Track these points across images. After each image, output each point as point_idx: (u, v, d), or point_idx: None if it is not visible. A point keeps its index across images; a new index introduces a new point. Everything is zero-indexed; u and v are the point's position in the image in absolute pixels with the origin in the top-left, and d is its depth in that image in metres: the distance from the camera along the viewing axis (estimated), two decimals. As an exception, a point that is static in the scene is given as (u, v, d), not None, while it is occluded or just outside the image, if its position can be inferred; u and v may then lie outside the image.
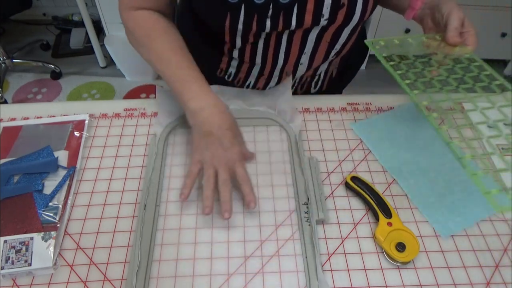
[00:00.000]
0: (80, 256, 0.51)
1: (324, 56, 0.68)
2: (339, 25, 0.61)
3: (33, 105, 0.71)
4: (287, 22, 0.57)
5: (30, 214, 0.54)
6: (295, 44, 0.63)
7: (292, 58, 0.66)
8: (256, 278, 0.49)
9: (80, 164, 0.61)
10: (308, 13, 0.57)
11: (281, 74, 0.70)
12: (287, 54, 0.65)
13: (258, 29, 0.58)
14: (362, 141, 0.65)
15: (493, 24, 1.94)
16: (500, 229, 0.55)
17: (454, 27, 0.56)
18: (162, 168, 0.61)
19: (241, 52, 0.67)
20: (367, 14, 0.61)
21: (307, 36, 0.62)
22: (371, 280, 0.49)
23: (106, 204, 0.57)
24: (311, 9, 0.57)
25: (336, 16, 0.58)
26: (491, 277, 0.50)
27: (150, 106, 0.71)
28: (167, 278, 0.49)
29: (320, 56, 0.67)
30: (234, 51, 0.67)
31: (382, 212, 0.54)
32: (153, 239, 0.53)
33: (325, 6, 0.57)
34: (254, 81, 0.73)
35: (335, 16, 0.58)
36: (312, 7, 0.56)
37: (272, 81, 0.73)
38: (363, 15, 0.60)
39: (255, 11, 0.56)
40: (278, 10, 0.56)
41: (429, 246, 0.53)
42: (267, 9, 0.56)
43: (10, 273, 0.49)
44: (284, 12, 0.56)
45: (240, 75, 0.72)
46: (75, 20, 2.40)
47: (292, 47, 0.64)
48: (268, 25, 0.57)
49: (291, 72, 0.70)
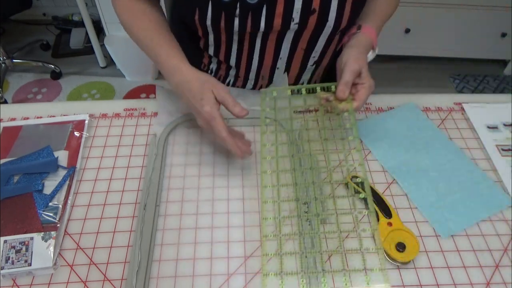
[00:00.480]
0: (80, 256, 0.51)
1: (301, 64, 0.67)
2: (313, 32, 0.60)
3: (33, 105, 0.71)
4: (255, 23, 0.57)
5: (30, 214, 0.54)
6: (270, 47, 0.63)
7: (267, 61, 0.66)
8: (256, 278, 0.49)
9: (80, 164, 0.61)
10: (277, 16, 0.57)
11: (257, 77, 0.70)
12: (262, 57, 0.65)
13: (227, 27, 0.58)
14: (362, 141, 0.65)
15: (493, 24, 1.94)
16: (500, 229, 0.55)
17: (344, 81, 0.55)
18: (162, 168, 0.61)
19: (216, 50, 0.67)
20: (344, 23, 0.60)
21: (282, 40, 0.62)
22: (371, 280, 0.49)
23: (106, 204, 0.57)
24: (280, 13, 0.56)
25: (307, 21, 0.58)
26: (491, 277, 0.50)
27: (150, 106, 0.71)
28: (167, 278, 0.49)
29: (297, 63, 0.67)
30: (210, 48, 0.67)
31: (382, 212, 0.54)
32: (153, 239, 0.53)
33: (295, 10, 0.56)
34: (233, 80, 0.73)
35: (306, 21, 0.58)
36: (282, 10, 0.56)
37: (248, 83, 0.72)
38: (338, 23, 0.59)
39: (222, 9, 0.56)
40: (246, 10, 0.56)
41: (429, 246, 0.53)
42: (235, 8, 0.56)
43: (10, 273, 0.49)
44: (253, 12, 0.56)
45: (220, 72, 0.72)
46: (75, 20, 2.39)
47: (266, 50, 0.64)
48: (237, 24, 0.57)
49: (267, 77, 0.70)
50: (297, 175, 0.59)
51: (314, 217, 0.54)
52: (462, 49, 2.07)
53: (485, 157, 0.63)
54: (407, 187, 0.59)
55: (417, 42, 2.03)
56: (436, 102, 0.72)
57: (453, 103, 0.72)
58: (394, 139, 0.65)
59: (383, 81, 2.09)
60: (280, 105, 0.62)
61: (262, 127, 0.60)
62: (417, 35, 1.99)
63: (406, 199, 0.58)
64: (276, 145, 0.60)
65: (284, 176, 0.59)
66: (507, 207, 0.57)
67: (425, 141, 0.65)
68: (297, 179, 0.59)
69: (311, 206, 0.55)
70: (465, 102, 0.72)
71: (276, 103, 0.62)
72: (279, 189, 0.57)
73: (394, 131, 0.67)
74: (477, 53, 2.09)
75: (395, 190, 0.59)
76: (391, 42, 2.02)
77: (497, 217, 0.56)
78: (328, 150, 0.61)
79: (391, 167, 0.61)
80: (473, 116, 0.70)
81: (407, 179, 0.60)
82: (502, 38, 1.99)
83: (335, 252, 0.52)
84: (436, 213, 0.56)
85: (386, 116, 0.69)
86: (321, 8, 0.57)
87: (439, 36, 2.01)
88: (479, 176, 0.60)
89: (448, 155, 0.63)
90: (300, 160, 0.61)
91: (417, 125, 0.67)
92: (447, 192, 0.58)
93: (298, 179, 0.59)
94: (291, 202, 0.56)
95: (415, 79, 2.12)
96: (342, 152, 0.63)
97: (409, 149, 0.64)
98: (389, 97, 0.73)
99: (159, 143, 0.64)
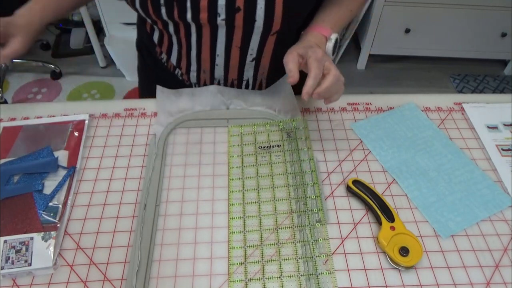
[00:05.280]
0: (80, 256, 0.51)
1: (239, 61, 0.67)
2: (243, 31, 0.61)
3: (33, 105, 0.71)
4: (181, 13, 0.57)
5: (30, 214, 0.54)
6: (205, 43, 0.63)
7: (205, 56, 0.66)
8: (255, 277, 0.49)
9: (80, 164, 0.61)
10: (203, 10, 0.57)
11: (199, 72, 0.70)
12: (199, 52, 0.66)
13: (156, 15, 0.58)
14: (362, 141, 0.65)
15: (493, 24, 1.94)
16: (500, 229, 0.55)
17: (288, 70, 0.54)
18: (162, 168, 0.61)
19: (160, 38, 0.68)
20: (277, 25, 0.59)
21: (216, 36, 0.62)
22: (371, 280, 0.49)
23: (106, 204, 0.57)
24: (205, 6, 0.57)
25: (234, 19, 0.58)
26: (491, 277, 0.50)
27: (150, 106, 0.71)
28: (167, 278, 0.49)
29: (235, 61, 0.67)
30: (154, 33, 0.68)
31: (385, 216, 0.54)
32: (153, 239, 0.53)
33: (219, 6, 0.57)
34: (180, 72, 0.73)
35: (232, 18, 0.58)
36: (206, 4, 0.56)
37: (191, 77, 0.72)
38: (268, 23, 0.58)
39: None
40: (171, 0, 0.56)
41: (429, 246, 0.53)
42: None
43: (10, 273, 0.49)
44: (177, 3, 0.56)
45: (170, 62, 0.72)
46: (75, 20, 2.39)
47: (203, 46, 0.64)
48: (164, 12, 0.57)
49: (208, 72, 0.70)
50: (297, 175, 0.59)
51: (314, 218, 0.54)
52: (462, 49, 2.07)
53: (485, 157, 0.63)
54: (407, 187, 0.59)
55: (417, 42, 2.03)
56: (436, 102, 0.72)
57: (453, 103, 0.72)
58: (394, 139, 0.65)
59: (383, 81, 2.09)
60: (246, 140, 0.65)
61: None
62: (417, 35, 1.99)
63: (406, 199, 0.58)
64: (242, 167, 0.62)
65: (284, 176, 0.59)
66: (507, 207, 0.57)
67: (425, 141, 0.65)
68: (297, 179, 0.59)
69: (311, 206, 0.55)
70: (465, 102, 0.72)
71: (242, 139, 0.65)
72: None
73: (394, 131, 0.67)
74: (477, 53, 2.09)
75: (395, 190, 0.59)
76: (391, 42, 2.02)
77: (497, 217, 0.56)
78: (327, 150, 0.61)
79: (391, 167, 0.62)
80: (473, 116, 0.70)
81: (407, 179, 0.60)
82: (502, 38, 1.99)
83: (335, 252, 0.52)
84: (436, 213, 0.56)
85: (386, 116, 0.69)
86: (246, 6, 0.56)
87: (439, 36, 2.01)
88: (479, 176, 0.60)
89: (448, 155, 0.63)
90: (300, 160, 0.61)
91: (417, 125, 0.67)
92: (447, 192, 0.58)
93: (298, 179, 0.59)
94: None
95: (415, 79, 2.12)
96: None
97: (409, 149, 0.64)
98: (389, 97, 0.73)
99: (159, 143, 0.64)
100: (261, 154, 0.63)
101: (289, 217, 0.55)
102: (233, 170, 0.61)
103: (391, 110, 0.71)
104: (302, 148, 0.63)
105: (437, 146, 0.64)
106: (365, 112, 0.70)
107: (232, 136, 0.65)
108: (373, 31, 1.97)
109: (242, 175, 0.60)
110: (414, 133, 0.66)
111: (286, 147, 0.63)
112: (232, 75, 0.71)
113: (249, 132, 0.66)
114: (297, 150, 0.63)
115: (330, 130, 0.67)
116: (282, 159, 0.62)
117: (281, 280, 0.49)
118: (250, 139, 0.65)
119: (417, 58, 2.19)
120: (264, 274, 0.49)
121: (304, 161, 0.61)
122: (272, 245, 0.52)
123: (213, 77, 0.71)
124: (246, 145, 0.64)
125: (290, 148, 0.63)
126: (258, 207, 0.56)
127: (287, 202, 0.57)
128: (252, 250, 0.52)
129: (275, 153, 0.63)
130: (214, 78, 0.71)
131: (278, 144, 0.64)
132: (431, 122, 0.68)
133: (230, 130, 0.66)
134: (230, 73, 0.70)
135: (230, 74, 0.70)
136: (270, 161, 0.62)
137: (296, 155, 0.62)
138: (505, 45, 2.02)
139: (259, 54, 0.66)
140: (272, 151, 0.63)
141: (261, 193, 0.58)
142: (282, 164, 0.61)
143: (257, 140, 0.64)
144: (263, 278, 0.49)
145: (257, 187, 0.58)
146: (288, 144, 0.64)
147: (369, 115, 0.70)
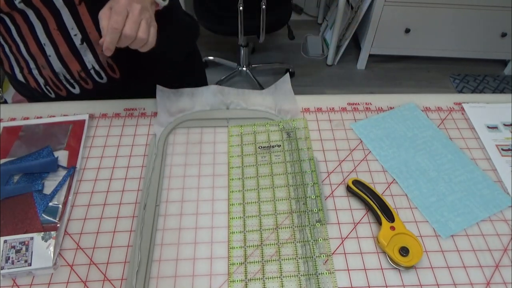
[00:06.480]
0: (80, 256, 0.51)
1: (69, 47, 0.64)
2: (49, 9, 0.59)
3: (33, 105, 0.71)
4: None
5: (30, 214, 0.54)
6: (26, 34, 0.62)
7: (34, 49, 0.64)
8: (255, 277, 0.49)
9: (80, 164, 0.61)
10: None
11: (39, 69, 0.67)
12: (26, 45, 0.64)
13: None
14: (362, 141, 0.65)
15: (493, 24, 1.94)
16: (500, 229, 0.55)
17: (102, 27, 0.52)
18: (162, 168, 0.61)
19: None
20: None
21: (30, 23, 0.60)
22: (371, 280, 0.49)
23: (106, 204, 0.57)
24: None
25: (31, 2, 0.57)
26: (491, 277, 0.50)
27: (150, 106, 0.71)
28: (167, 278, 0.49)
29: (64, 47, 0.64)
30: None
31: (385, 216, 0.54)
32: (153, 239, 0.53)
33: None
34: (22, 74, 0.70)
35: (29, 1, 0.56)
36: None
37: (35, 75, 0.69)
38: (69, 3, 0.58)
39: None
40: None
41: (429, 246, 0.53)
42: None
43: (10, 273, 0.49)
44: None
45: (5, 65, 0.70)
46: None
47: (26, 37, 0.62)
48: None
49: (47, 67, 0.67)
50: (297, 175, 0.59)
51: (314, 218, 0.54)
52: (462, 49, 2.07)
53: (485, 157, 0.63)
54: (407, 187, 0.59)
55: (417, 42, 2.03)
56: (436, 102, 0.72)
57: (453, 103, 0.72)
58: (394, 139, 0.65)
59: (383, 81, 2.09)
60: (246, 140, 0.65)
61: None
62: (417, 35, 2.00)
63: (406, 199, 0.58)
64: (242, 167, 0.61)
65: (284, 176, 0.59)
66: (507, 207, 0.57)
67: (425, 141, 0.65)
68: (297, 179, 0.59)
69: (311, 206, 0.55)
70: (465, 102, 0.72)
71: (242, 139, 0.65)
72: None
73: (394, 131, 0.67)
74: (477, 53, 2.09)
75: (395, 190, 0.59)
76: (391, 42, 2.03)
77: (497, 217, 0.56)
78: (327, 150, 0.61)
79: (391, 167, 0.62)
80: (473, 116, 0.70)
81: (407, 179, 0.60)
82: (502, 38, 1.99)
83: (335, 252, 0.52)
84: (436, 213, 0.56)
85: (386, 116, 0.69)
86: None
87: (439, 36, 2.01)
88: (479, 176, 0.60)
89: (448, 155, 0.63)
90: (300, 160, 0.61)
91: (417, 125, 0.67)
92: (447, 192, 0.58)
93: (298, 179, 0.59)
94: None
95: (415, 79, 2.12)
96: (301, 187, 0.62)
97: (409, 149, 0.64)
98: (389, 97, 0.73)
99: (159, 143, 0.64)
100: (261, 154, 0.63)
101: (289, 217, 0.55)
102: (233, 170, 0.61)
103: (391, 110, 0.71)
104: (302, 148, 0.63)
105: (437, 146, 0.64)
106: (365, 112, 0.70)
107: (232, 136, 0.65)
108: (373, 31, 1.97)
109: (242, 175, 0.60)
110: (414, 133, 0.66)
111: (286, 147, 0.63)
112: (74, 66, 0.67)
113: (249, 132, 0.66)
114: (297, 150, 0.63)
115: (330, 130, 0.67)
116: (282, 159, 0.62)
117: (281, 280, 0.49)
118: (250, 139, 0.65)
119: (417, 58, 2.19)
120: (264, 274, 0.50)
121: (304, 161, 0.61)
122: (272, 245, 0.52)
123: (55, 72, 0.68)
124: (246, 145, 0.64)
125: (290, 148, 0.63)
126: (258, 207, 0.56)
127: (287, 202, 0.57)
128: (252, 250, 0.52)
129: (275, 153, 0.63)
130: (56, 72, 0.68)
131: (278, 144, 0.64)
132: (431, 122, 0.68)
133: (230, 130, 0.66)
134: (70, 63, 0.66)
135: (70, 65, 0.67)
136: (270, 161, 0.62)
137: (296, 155, 0.62)
138: (505, 45, 2.02)
139: (84, 32, 0.63)
140: (272, 151, 0.63)
141: (261, 193, 0.58)
142: (282, 164, 0.61)
143: (257, 140, 0.64)
144: (263, 278, 0.49)
145: (257, 187, 0.58)
146: (288, 144, 0.64)
147: (369, 115, 0.70)
